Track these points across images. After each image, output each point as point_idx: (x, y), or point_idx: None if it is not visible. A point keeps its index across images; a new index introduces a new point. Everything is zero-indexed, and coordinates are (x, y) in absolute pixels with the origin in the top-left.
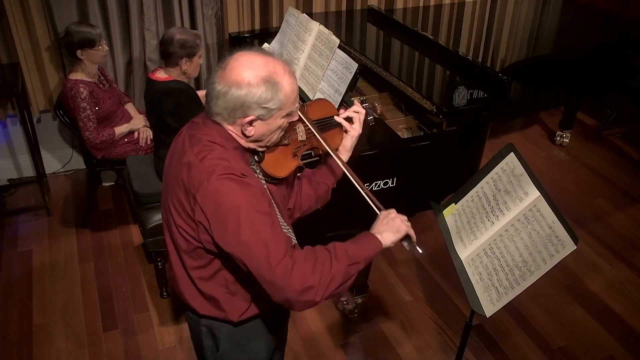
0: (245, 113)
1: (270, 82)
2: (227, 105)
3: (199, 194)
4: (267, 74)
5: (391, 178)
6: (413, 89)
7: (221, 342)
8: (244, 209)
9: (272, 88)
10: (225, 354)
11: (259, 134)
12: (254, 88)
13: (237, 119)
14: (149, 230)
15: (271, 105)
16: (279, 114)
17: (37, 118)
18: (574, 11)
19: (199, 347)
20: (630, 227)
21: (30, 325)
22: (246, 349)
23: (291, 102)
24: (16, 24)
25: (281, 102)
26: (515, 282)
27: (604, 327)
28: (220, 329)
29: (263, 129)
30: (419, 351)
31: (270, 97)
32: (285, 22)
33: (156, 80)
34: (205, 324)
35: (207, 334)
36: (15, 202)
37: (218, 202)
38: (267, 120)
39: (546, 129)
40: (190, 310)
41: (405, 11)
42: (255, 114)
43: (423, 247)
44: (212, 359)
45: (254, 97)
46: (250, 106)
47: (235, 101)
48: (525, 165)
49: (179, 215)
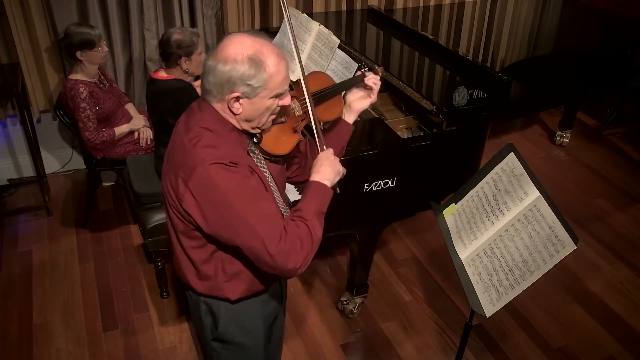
0: (231, 89)
1: (254, 60)
2: (215, 81)
3: (191, 181)
4: (252, 52)
5: (391, 178)
6: (413, 89)
7: (220, 320)
8: (235, 198)
9: (256, 66)
10: (224, 332)
11: (248, 113)
12: (238, 65)
13: (225, 95)
14: (149, 230)
15: (254, 83)
16: (264, 94)
17: (37, 118)
18: (574, 11)
19: (199, 325)
20: (630, 227)
21: (30, 325)
22: (245, 327)
23: (277, 83)
24: (16, 24)
25: (265, 81)
26: (515, 282)
27: (604, 327)
28: (219, 307)
29: (250, 108)
30: (419, 351)
31: (253, 75)
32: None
33: (158, 79)
34: (204, 302)
35: (206, 312)
36: (15, 202)
37: (209, 191)
38: (252, 99)
39: (546, 129)
40: (190, 289)
41: (405, 11)
42: (240, 90)
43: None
44: (211, 337)
45: (237, 73)
46: (235, 82)
47: (222, 76)
48: (525, 165)
49: (173, 202)
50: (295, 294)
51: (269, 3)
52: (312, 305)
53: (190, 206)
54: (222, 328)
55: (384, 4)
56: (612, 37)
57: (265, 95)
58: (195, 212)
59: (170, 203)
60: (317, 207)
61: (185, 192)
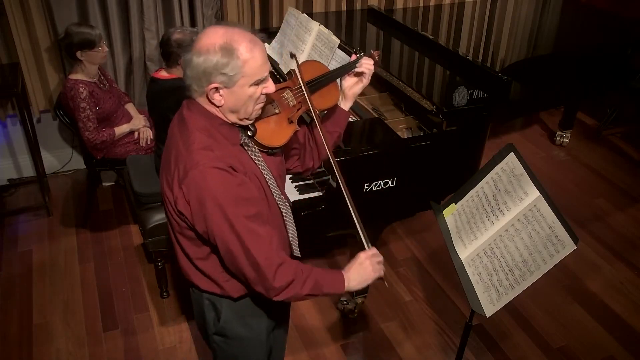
0: (208, 80)
1: (226, 49)
2: (193, 74)
3: (184, 184)
4: (224, 41)
5: (391, 178)
6: (413, 89)
7: (223, 314)
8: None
9: (228, 54)
10: (226, 326)
11: (231, 104)
12: (211, 55)
13: (204, 87)
14: (149, 230)
15: (229, 71)
16: (243, 82)
17: (37, 118)
18: (574, 11)
19: (201, 320)
20: (630, 227)
21: (30, 325)
22: (247, 323)
23: (254, 69)
24: (16, 24)
25: (239, 68)
26: (515, 282)
27: (604, 327)
28: (222, 303)
29: (231, 98)
30: (419, 351)
31: (226, 63)
32: (285, 22)
33: (159, 78)
34: (207, 298)
35: (209, 306)
36: (15, 202)
37: (202, 196)
38: (231, 88)
39: (546, 129)
40: (192, 285)
41: (405, 11)
42: (217, 80)
43: (388, 282)
44: (214, 330)
45: (211, 63)
46: (211, 72)
47: (197, 69)
48: (525, 165)
49: (169, 202)
50: None
51: (269, 3)
52: (312, 305)
53: (183, 207)
54: (224, 322)
55: (384, 4)
56: (612, 37)
57: (244, 83)
58: (187, 213)
59: (167, 203)
60: (322, 286)
61: (179, 194)
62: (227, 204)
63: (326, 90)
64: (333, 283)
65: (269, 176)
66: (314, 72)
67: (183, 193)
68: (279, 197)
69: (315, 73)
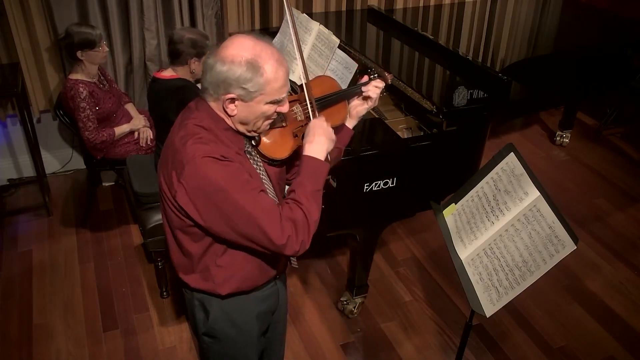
0: (227, 90)
1: (252, 64)
2: (212, 80)
3: (183, 177)
4: (251, 56)
5: (391, 178)
6: (413, 89)
7: (211, 314)
8: (228, 189)
9: (253, 70)
10: (215, 326)
11: (242, 116)
12: (235, 66)
13: (220, 95)
14: (149, 230)
15: (250, 87)
16: (260, 99)
17: (37, 118)
18: (574, 11)
19: (192, 320)
20: (630, 227)
21: (30, 325)
22: (236, 323)
23: (274, 90)
24: (16, 24)
25: (260, 86)
26: (515, 282)
27: (604, 327)
28: (212, 303)
29: (245, 111)
30: (419, 351)
31: (250, 78)
32: (285, 22)
33: (161, 78)
34: (197, 298)
35: (199, 307)
36: (15, 202)
37: (201, 185)
38: (247, 102)
39: (546, 129)
40: (183, 284)
41: (405, 11)
42: (236, 93)
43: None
44: (203, 330)
45: (234, 75)
46: (231, 84)
47: (218, 76)
48: (525, 165)
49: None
50: (295, 294)
51: (269, 3)
52: (312, 305)
53: (184, 202)
54: (213, 323)
55: (384, 4)
56: (612, 37)
57: (261, 100)
58: (189, 207)
59: (165, 199)
60: (312, 186)
61: (179, 188)
62: (231, 187)
63: (335, 108)
64: (315, 175)
65: (269, 185)
66: (325, 89)
67: (184, 187)
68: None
69: (326, 90)
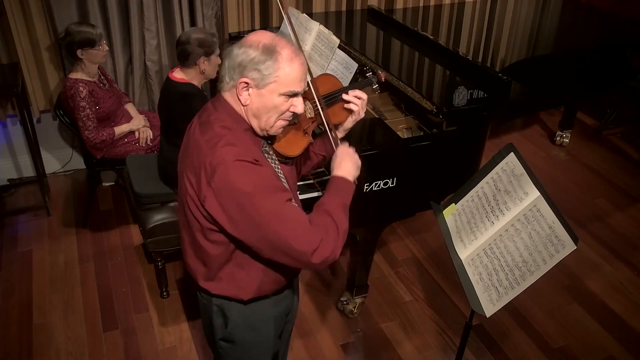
0: (241, 73)
1: (268, 48)
2: (229, 64)
3: (213, 181)
4: (269, 42)
5: (391, 178)
6: (413, 89)
7: (231, 320)
8: (258, 196)
9: (268, 53)
10: (234, 332)
11: (255, 106)
12: (251, 49)
13: (235, 80)
14: (148, 231)
15: (263, 69)
16: (273, 87)
17: (37, 118)
18: (574, 11)
19: (209, 326)
20: (630, 227)
21: (30, 325)
22: (255, 328)
23: (289, 79)
24: (16, 24)
25: (274, 70)
26: (515, 282)
27: (604, 327)
28: (231, 309)
29: (258, 100)
30: (419, 351)
31: (263, 60)
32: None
33: (173, 80)
34: (216, 304)
35: (217, 312)
36: (15, 202)
37: (232, 190)
38: (261, 89)
39: (546, 129)
40: (201, 290)
41: (405, 11)
42: (249, 76)
43: None
44: (220, 336)
45: (248, 56)
46: (245, 66)
47: (235, 59)
48: (525, 165)
49: (193, 202)
50: None
51: (269, 3)
52: (312, 305)
53: (213, 208)
54: (232, 328)
55: (384, 4)
56: (612, 37)
57: (274, 89)
58: (218, 213)
59: (190, 204)
60: (340, 200)
61: (207, 193)
62: (263, 193)
63: (340, 105)
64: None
65: (285, 184)
66: (329, 87)
67: (213, 191)
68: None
69: (330, 88)
